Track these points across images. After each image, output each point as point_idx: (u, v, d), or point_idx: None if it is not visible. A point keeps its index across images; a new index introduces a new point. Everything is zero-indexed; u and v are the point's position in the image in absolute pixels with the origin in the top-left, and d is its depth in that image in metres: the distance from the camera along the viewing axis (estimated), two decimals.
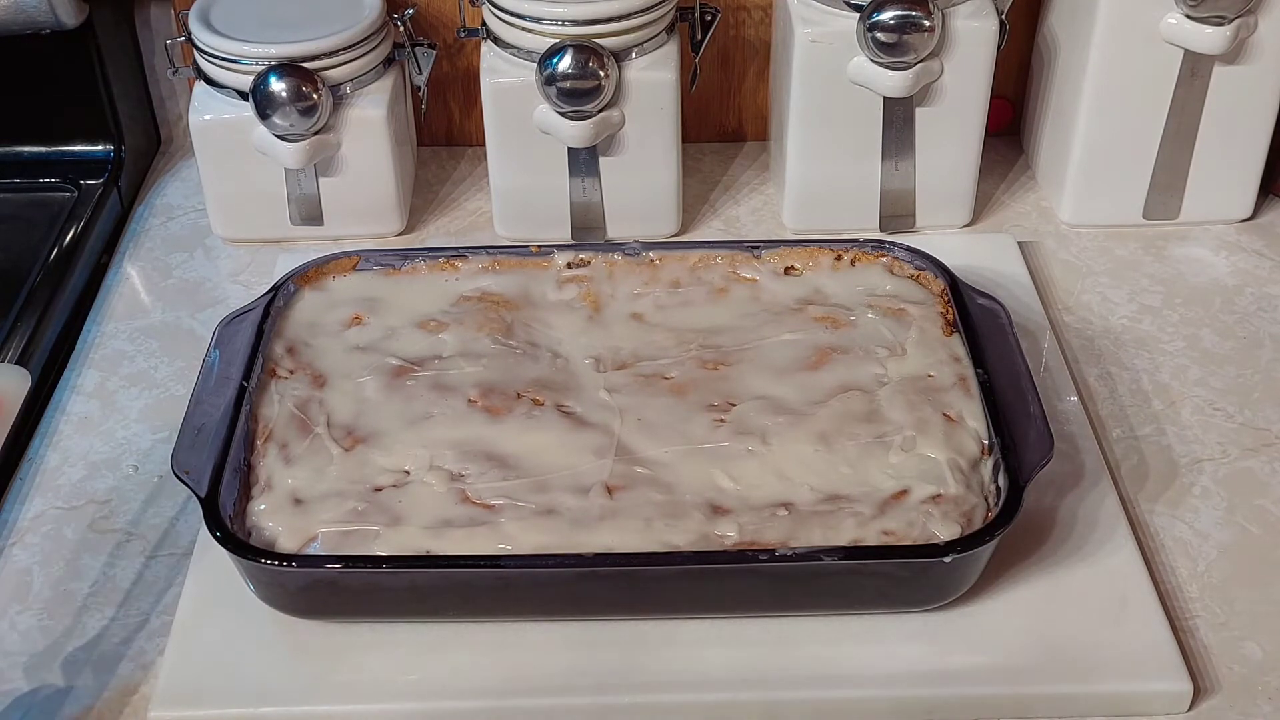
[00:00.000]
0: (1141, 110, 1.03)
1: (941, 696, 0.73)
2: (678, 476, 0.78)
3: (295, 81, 0.99)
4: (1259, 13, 0.98)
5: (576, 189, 1.05)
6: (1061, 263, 1.06)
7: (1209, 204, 1.08)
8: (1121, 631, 0.75)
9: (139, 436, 0.91)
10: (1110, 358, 0.96)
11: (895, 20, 0.96)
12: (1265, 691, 0.74)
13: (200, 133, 1.04)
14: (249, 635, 0.76)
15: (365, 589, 0.75)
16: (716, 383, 0.84)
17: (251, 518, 0.76)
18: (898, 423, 0.81)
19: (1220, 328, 0.99)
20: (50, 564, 0.82)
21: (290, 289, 0.90)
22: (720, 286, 0.92)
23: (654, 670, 0.74)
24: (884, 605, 0.76)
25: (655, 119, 1.03)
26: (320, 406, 0.83)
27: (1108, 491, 0.83)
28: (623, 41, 0.99)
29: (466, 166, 1.18)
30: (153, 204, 1.15)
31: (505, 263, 0.93)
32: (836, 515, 0.75)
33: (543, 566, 0.74)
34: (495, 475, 0.78)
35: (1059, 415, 0.89)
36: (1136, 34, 1.00)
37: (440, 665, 0.74)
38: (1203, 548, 0.82)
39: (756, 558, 0.73)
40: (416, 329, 0.89)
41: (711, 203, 1.14)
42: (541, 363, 0.86)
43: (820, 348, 0.86)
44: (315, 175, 1.05)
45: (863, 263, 0.93)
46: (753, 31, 1.15)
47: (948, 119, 1.03)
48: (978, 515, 0.75)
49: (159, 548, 0.83)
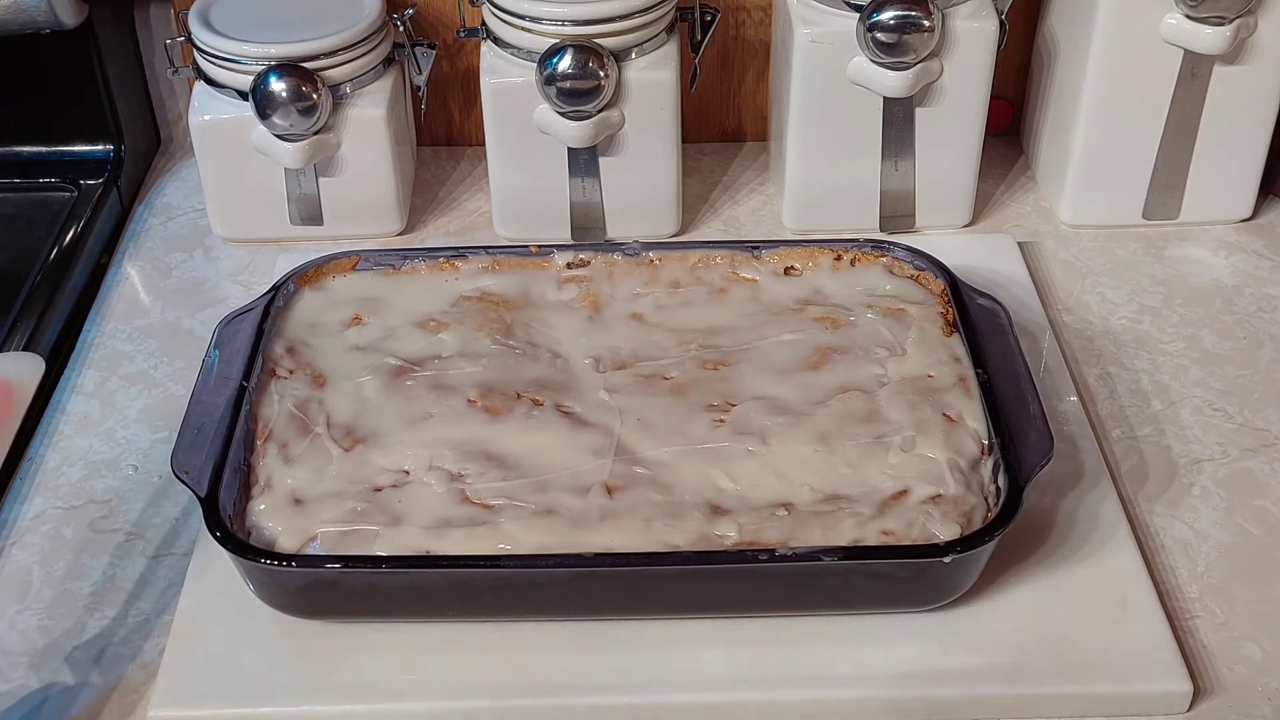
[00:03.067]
0: (1141, 110, 1.03)
1: (941, 696, 0.73)
2: (677, 476, 0.78)
3: (295, 81, 0.99)
4: (1259, 13, 0.98)
5: (576, 189, 1.05)
6: (1061, 263, 1.06)
7: (1209, 204, 1.08)
8: (1121, 631, 0.75)
9: (139, 436, 0.91)
10: (1110, 358, 0.96)
11: (895, 20, 0.96)
12: (1265, 692, 0.74)
13: (200, 133, 1.04)
14: (249, 635, 0.76)
15: (365, 589, 0.75)
16: (716, 383, 0.84)
17: (251, 518, 0.76)
18: (898, 423, 0.81)
19: (1220, 328, 0.99)
20: (50, 564, 0.82)
21: (290, 289, 0.90)
22: (720, 287, 0.92)
23: (654, 670, 0.74)
24: (884, 605, 0.76)
25: (655, 119, 1.03)
26: (320, 406, 0.83)
27: (1107, 491, 0.84)
28: (623, 41, 0.99)
29: (466, 166, 1.18)
30: (153, 204, 1.15)
31: (505, 263, 0.93)
32: (836, 515, 0.75)
33: (543, 566, 0.74)
34: (495, 475, 0.78)
35: (1059, 415, 0.89)
36: (1136, 34, 1.00)
37: (440, 665, 0.74)
38: (1202, 548, 0.82)
39: (756, 558, 0.73)
40: (416, 329, 0.89)
41: (711, 203, 1.14)
42: (541, 363, 0.86)
43: (820, 348, 0.86)
44: (315, 175, 1.05)
45: (863, 263, 0.93)
46: (753, 31, 1.15)
47: (948, 119, 1.03)
48: (977, 515, 0.75)
49: (159, 548, 0.83)
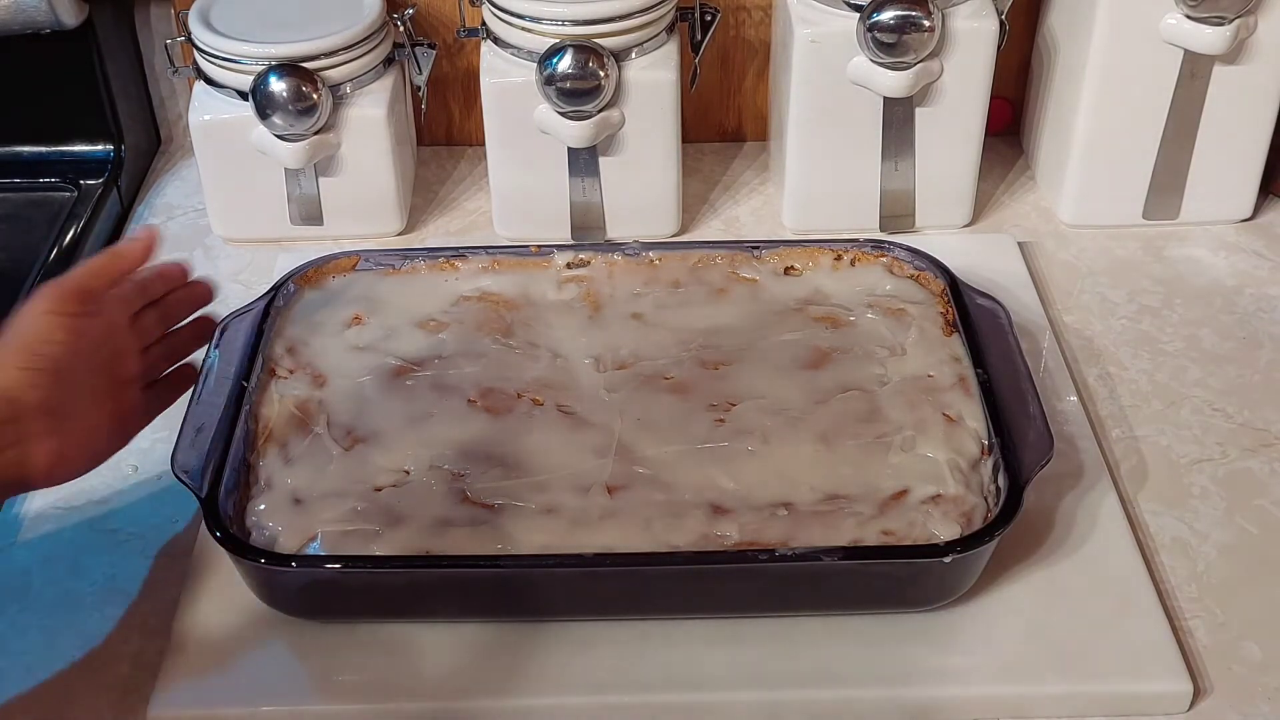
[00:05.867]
0: (1141, 110, 1.03)
1: (941, 696, 0.73)
2: (678, 476, 0.78)
3: (295, 81, 0.99)
4: (1259, 13, 0.98)
5: (576, 189, 1.05)
6: (1061, 263, 1.06)
7: (1209, 204, 1.08)
8: (1121, 631, 0.75)
9: (139, 436, 0.91)
10: (1110, 358, 0.96)
11: (895, 20, 0.96)
12: (1264, 692, 0.74)
13: (200, 133, 1.04)
14: (249, 635, 0.76)
15: (365, 589, 0.75)
16: (716, 382, 0.84)
17: (251, 518, 0.76)
18: (898, 423, 0.81)
19: (1220, 328, 0.99)
20: (50, 564, 0.82)
21: (290, 289, 0.90)
22: (720, 286, 0.92)
23: (654, 670, 0.74)
24: (884, 605, 0.76)
25: (655, 119, 1.03)
26: (320, 406, 0.83)
27: (1107, 491, 0.84)
28: (623, 41, 0.99)
29: (466, 166, 1.18)
30: (153, 204, 1.15)
31: (505, 263, 0.93)
32: (836, 515, 0.75)
33: (543, 566, 0.74)
34: (495, 475, 0.78)
35: (1059, 415, 0.89)
36: (1136, 34, 1.00)
37: (440, 665, 0.74)
38: (1202, 548, 0.82)
39: (756, 558, 0.73)
40: (416, 329, 0.89)
41: (711, 203, 1.14)
42: (541, 363, 0.86)
43: (820, 348, 0.86)
44: (315, 175, 1.05)
45: (863, 263, 0.93)
46: (753, 31, 1.15)
47: (948, 119, 1.03)
48: (977, 515, 0.75)
49: (159, 548, 0.83)
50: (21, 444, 0.70)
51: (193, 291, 0.84)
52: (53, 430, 0.71)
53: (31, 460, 0.70)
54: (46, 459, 0.71)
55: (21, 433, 0.70)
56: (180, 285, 0.83)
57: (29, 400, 0.70)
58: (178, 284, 0.82)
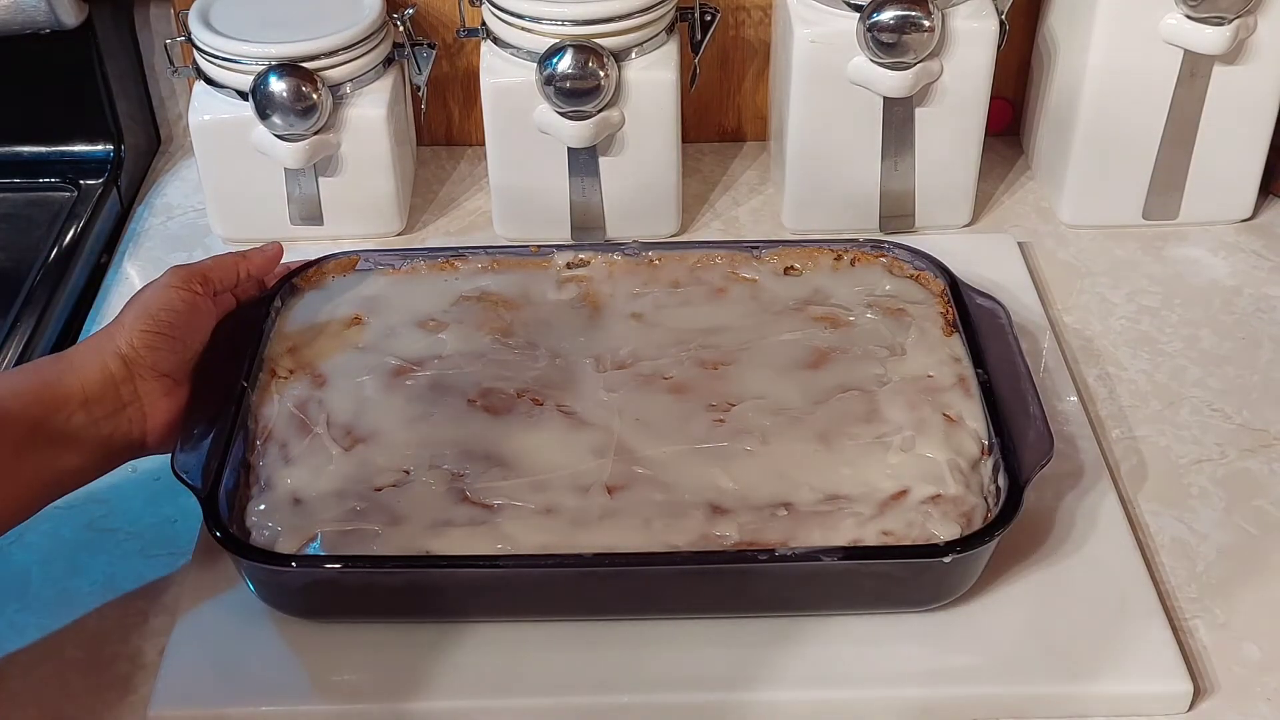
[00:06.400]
0: (1141, 110, 1.03)
1: (941, 696, 0.73)
2: (677, 476, 0.78)
3: (295, 81, 0.99)
4: (1259, 13, 0.98)
5: (576, 189, 1.05)
6: (1061, 263, 1.06)
7: (1208, 204, 1.08)
8: (1121, 631, 0.75)
9: None
10: (1110, 358, 0.96)
11: (895, 20, 0.97)
12: (1264, 692, 0.74)
13: (200, 132, 1.04)
14: (249, 635, 0.76)
15: (365, 589, 0.75)
16: (716, 382, 0.84)
17: (251, 518, 0.76)
18: (897, 423, 0.81)
19: (1219, 328, 0.99)
20: (50, 563, 0.82)
21: (290, 289, 0.90)
22: (720, 286, 0.92)
23: (654, 670, 0.74)
24: (884, 605, 0.76)
25: (655, 119, 1.03)
26: (320, 406, 0.83)
27: (1107, 491, 0.84)
28: (623, 41, 0.99)
29: (466, 166, 1.18)
30: (152, 204, 1.15)
31: (505, 263, 0.93)
32: (836, 515, 0.75)
33: (543, 566, 0.74)
34: (495, 475, 0.78)
35: (1059, 415, 0.89)
36: (1136, 34, 1.00)
37: (440, 665, 0.74)
38: (1201, 548, 0.82)
39: (756, 558, 0.73)
40: (416, 329, 0.89)
41: (711, 203, 1.14)
42: (541, 363, 0.86)
43: (820, 348, 0.86)
44: (315, 175, 1.05)
45: (862, 263, 0.93)
46: (753, 31, 1.15)
47: (948, 119, 1.03)
48: (977, 515, 0.75)
49: (159, 547, 0.83)
50: (139, 402, 0.76)
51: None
52: (167, 392, 0.78)
53: (148, 421, 0.77)
54: (161, 419, 0.77)
55: (138, 390, 0.77)
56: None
57: (146, 361, 0.77)
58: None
